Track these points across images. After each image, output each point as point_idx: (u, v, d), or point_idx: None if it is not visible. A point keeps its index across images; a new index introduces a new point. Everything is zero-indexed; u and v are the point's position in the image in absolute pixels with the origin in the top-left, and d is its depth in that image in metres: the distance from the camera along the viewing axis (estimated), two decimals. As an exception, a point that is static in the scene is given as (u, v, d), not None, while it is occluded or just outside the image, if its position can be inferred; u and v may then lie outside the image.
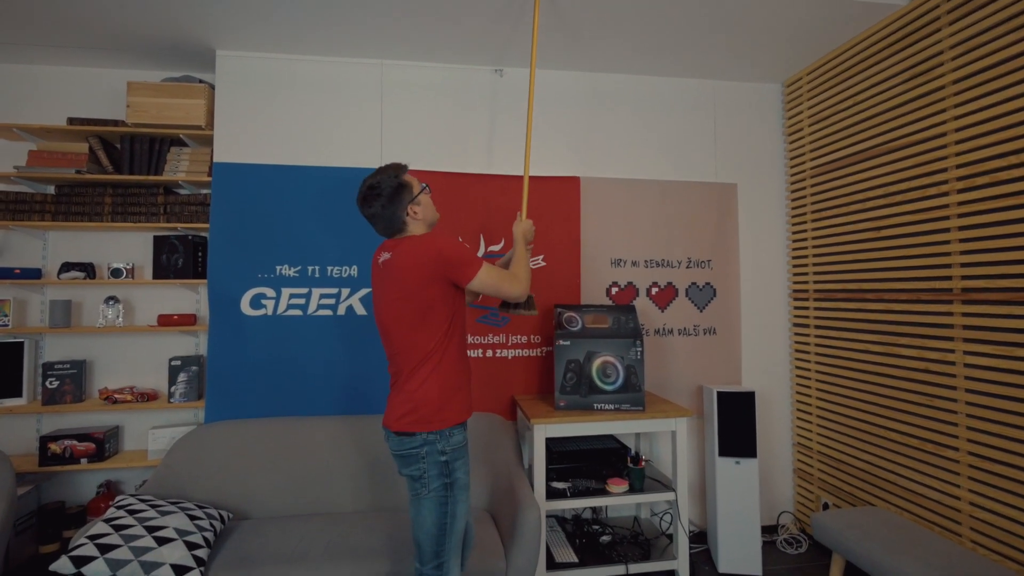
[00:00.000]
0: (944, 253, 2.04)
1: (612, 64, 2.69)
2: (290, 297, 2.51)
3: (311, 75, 2.59)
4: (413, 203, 1.55)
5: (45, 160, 2.42)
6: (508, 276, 1.60)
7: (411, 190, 1.56)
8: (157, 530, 1.77)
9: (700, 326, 2.78)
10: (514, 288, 1.60)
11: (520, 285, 1.62)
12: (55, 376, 2.46)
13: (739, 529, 2.44)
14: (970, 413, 1.94)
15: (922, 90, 2.12)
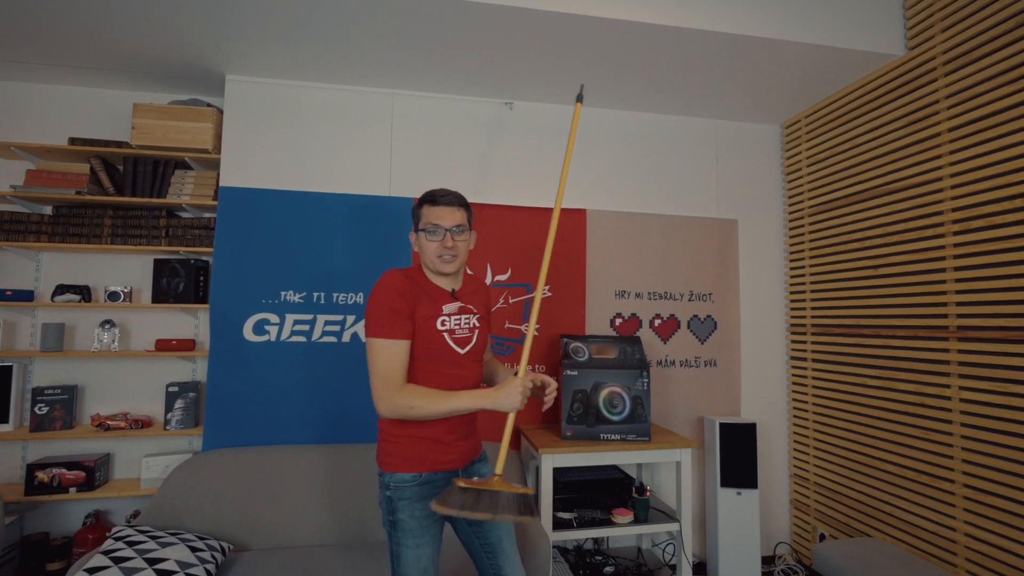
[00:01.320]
0: (940, 292, 2.12)
1: (619, 101, 2.76)
2: (294, 323, 2.47)
3: (321, 102, 2.59)
4: (416, 231, 1.49)
5: (44, 180, 2.36)
6: (380, 377, 1.33)
7: (418, 220, 1.48)
8: (158, 562, 1.71)
9: (701, 358, 2.83)
10: (375, 391, 1.34)
11: (381, 399, 1.33)
12: (44, 402, 2.37)
13: (739, 560, 2.47)
14: (965, 447, 2.01)
15: (918, 136, 2.22)
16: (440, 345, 1.42)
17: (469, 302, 1.52)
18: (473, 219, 1.53)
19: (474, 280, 1.62)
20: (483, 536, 1.51)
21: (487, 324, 1.58)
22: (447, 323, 1.44)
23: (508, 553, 1.51)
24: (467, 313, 1.50)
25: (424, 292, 1.45)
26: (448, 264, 1.44)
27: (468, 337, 1.48)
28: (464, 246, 1.47)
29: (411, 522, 1.38)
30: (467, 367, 1.48)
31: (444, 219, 1.42)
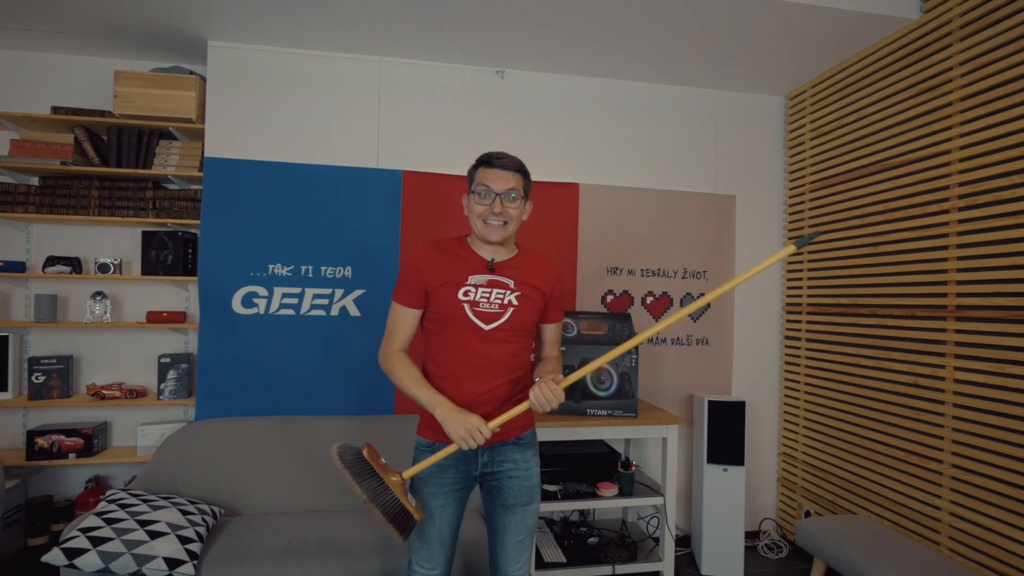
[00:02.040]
0: (941, 270, 2.06)
1: (615, 70, 2.65)
2: (283, 296, 2.47)
3: (307, 70, 2.52)
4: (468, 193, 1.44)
5: (28, 150, 2.34)
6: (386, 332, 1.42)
7: (471, 182, 1.43)
8: (149, 524, 1.76)
9: (693, 336, 2.80)
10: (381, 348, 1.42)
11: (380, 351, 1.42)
12: (41, 371, 2.42)
13: (723, 534, 2.50)
14: (957, 427, 1.98)
15: (929, 106, 2.11)
16: (458, 314, 1.36)
17: (511, 276, 1.41)
18: (530, 189, 1.44)
19: (536, 256, 1.49)
20: (491, 516, 1.50)
21: (533, 305, 1.42)
22: (471, 294, 1.37)
23: (507, 545, 1.47)
24: (501, 288, 1.39)
25: (453, 260, 1.40)
26: (495, 231, 1.36)
27: (497, 314, 1.38)
28: (516, 213, 1.38)
29: (418, 484, 1.41)
30: (493, 343, 1.37)
31: (496, 182, 1.35)
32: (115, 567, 1.64)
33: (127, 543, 1.68)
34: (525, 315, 1.41)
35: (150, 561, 1.66)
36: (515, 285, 1.41)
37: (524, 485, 1.45)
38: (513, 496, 1.44)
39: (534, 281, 1.43)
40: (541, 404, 1.27)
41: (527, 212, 1.44)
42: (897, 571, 1.82)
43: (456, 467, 1.41)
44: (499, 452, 1.43)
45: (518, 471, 1.45)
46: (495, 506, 1.47)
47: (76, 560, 1.62)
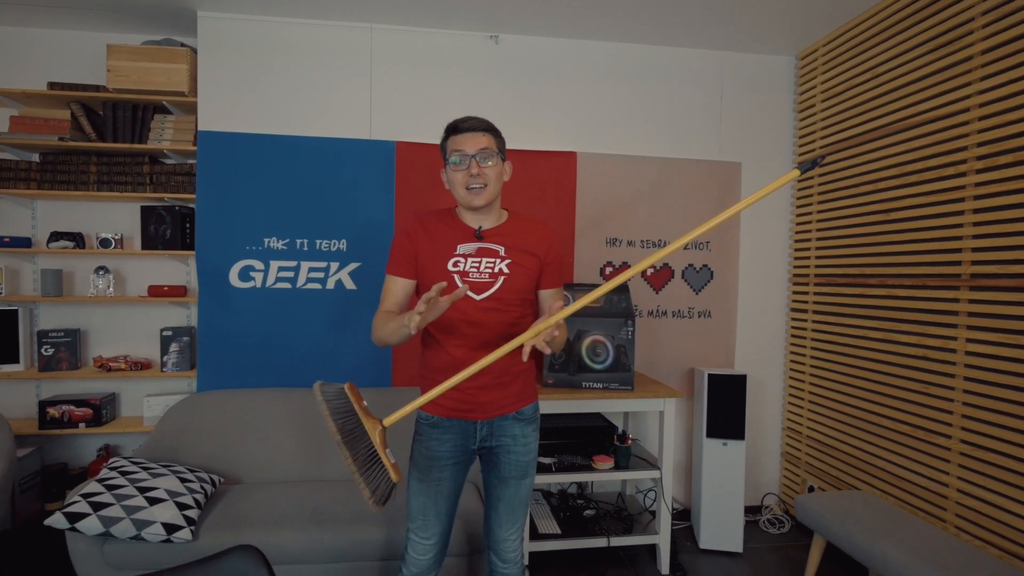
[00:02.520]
0: (956, 237, 1.95)
1: (614, 33, 2.54)
2: (279, 270, 2.48)
3: (297, 39, 2.47)
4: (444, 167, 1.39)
5: (27, 126, 2.36)
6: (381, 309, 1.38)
7: (444, 154, 1.38)
8: (148, 491, 1.81)
9: (695, 309, 2.73)
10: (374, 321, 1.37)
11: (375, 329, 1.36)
12: (50, 344, 2.49)
13: (722, 508, 2.47)
14: (967, 401, 1.90)
15: (947, 61, 1.97)
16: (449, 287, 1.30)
17: (501, 243, 1.37)
18: (505, 148, 1.39)
19: (526, 221, 1.43)
20: (486, 484, 1.50)
21: (526, 272, 1.38)
22: (460, 264, 1.34)
23: (501, 512, 1.47)
24: (490, 256, 1.35)
25: (441, 230, 1.37)
26: (477, 195, 1.31)
27: (487, 283, 1.34)
28: (494, 174, 1.33)
29: (418, 458, 1.42)
30: (485, 313, 1.34)
31: (468, 145, 1.31)
32: (115, 531, 1.69)
33: (127, 508, 1.73)
34: (518, 282, 1.36)
35: (149, 526, 1.71)
36: (505, 252, 1.37)
37: (521, 460, 1.44)
38: (509, 470, 1.44)
39: (526, 246, 1.39)
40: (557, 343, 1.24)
41: (507, 172, 1.39)
42: (898, 547, 1.77)
43: (454, 441, 1.40)
44: (499, 427, 1.41)
45: (516, 446, 1.43)
46: (491, 477, 1.48)
47: (78, 524, 1.67)
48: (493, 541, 1.51)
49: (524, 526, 1.56)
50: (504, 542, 1.49)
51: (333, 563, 1.85)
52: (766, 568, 2.36)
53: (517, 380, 1.42)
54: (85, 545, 1.73)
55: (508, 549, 1.50)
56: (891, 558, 1.76)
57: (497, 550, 1.50)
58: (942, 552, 1.73)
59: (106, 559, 1.74)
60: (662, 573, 2.30)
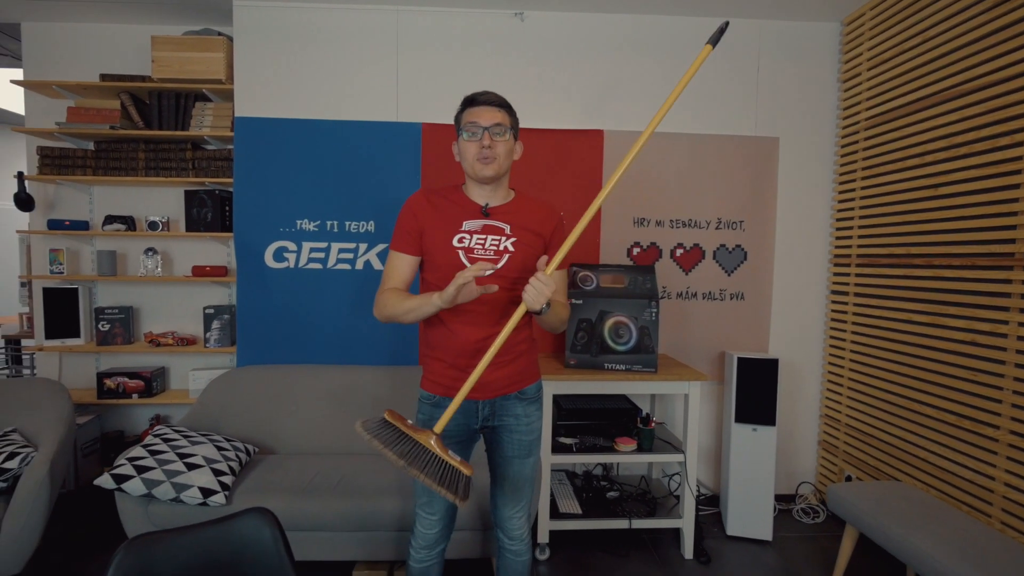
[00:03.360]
0: (1011, 213, 1.81)
1: (642, 4, 2.46)
2: (310, 251, 2.57)
3: (326, 25, 2.53)
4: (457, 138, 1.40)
5: (82, 116, 2.53)
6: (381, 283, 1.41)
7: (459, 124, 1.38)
8: (187, 457, 1.94)
9: (727, 291, 2.65)
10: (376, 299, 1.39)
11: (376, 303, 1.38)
12: (106, 320, 2.68)
13: (751, 495, 2.41)
14: (1017, 389, 1.77)
15: (1007, 19, 1.81)
16: (453, 263, 1.33)
17: (506, 221, 1.37)
18: (519, 130, 1.40)
19: (532, 201, 1.44)
20: (491, 462, 1.52)
21: (531, 250, 1.37)
22: (465, 240, 1.35)
23: (505, 490, 1.49)
24: (496, 234, 1.36)
25: (447, 207, 1.38)
26: (487, 165, 1.33)
27: (492, 260, 1.35)
28: (504, 148, 1.34)
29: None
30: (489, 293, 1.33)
31: (483, 117, 1.33)
32: (156, 493, 1.82)
33: (167, 472, 1.86)
34: (522, 261, 1.36)
35: (187, 490, 1.83)
36: (511, 230, 1.37)
37: (523, 439, 1.45)
38: (512, 449, 1.45)
39: (531, 225, 1.39)
40: (532, 298, 1.20)
41: (518, 151, 1.40)
42: (936, 541, 1.68)
43: (456, 420, 1.39)
44: (501, 406, 1.42)
45: (519, 425, 1.44)
46: (495, 456, 1.50)
47: (123, 485, 1.81)
48: (500, 519, 1.52)
49: (531, 504, 1.56)
50: (510, 520, 1.51)
51: (354, 532, 1.92)
52: (795, 557, 2.29)
53: (519, 359, 1.42)
54: (132, 505, 1.87)
55: (514, 527, 1.51)
56: (927, 553, 1.66)
57: (504, 528, 1.52)
58: (985, 548, 1.63)
59: (150, 518, 1.88)
60: (685, 558, 2.27)
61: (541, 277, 1.21)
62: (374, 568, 1.99)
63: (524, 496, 1.51)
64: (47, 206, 2.74)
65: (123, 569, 0.98)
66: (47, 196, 2.74)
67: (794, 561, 2.27)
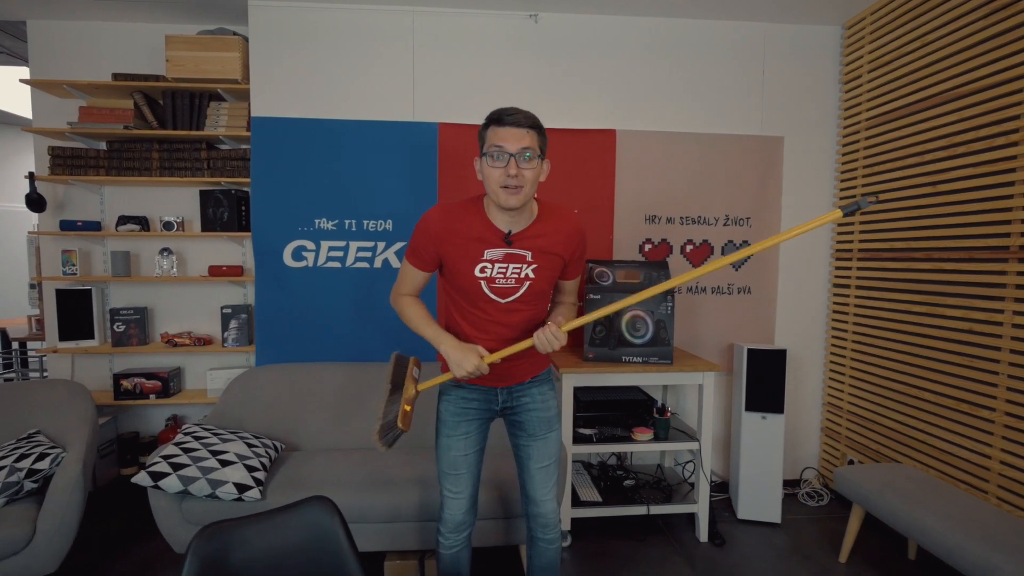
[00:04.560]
0: (1005, 208, 1.93)
1: (653, 7, 2.53)
2: (329, 250, 2.60)
3: (342, 25, 2.55)
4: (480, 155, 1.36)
5: (95, 116, 2.51)
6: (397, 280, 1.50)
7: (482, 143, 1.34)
8: (220, 454, 1.97)
9: (735, 285, 2.75)
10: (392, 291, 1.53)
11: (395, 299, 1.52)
12: (121, 320, 2.67)
13: (761, 480, 2.51)
14: (1012, 374, 1.90)
15: (1002, 27, 1.92)
16: (475, 290, 1.37)
17: (528, 247, 1.36)
18: (547, 146, 1.33)
19: (555, 218, 1.40)
20: (516, 448, 1.57)
21: (551, 274, 1.42)
22: (487, 270, 1.36)
23: (533, 472, 1.53)
24: (517, 262, 1.36)
25: (469, 232, 1.35)
26: (512, 196, 1.26)
27: (512, 288, 1.37)
28: (532, 175, 1.27)
29: (445, 415, 1.53)
30: (509, 313, 1.41)
31: (509, 142, 1.25)
32: (192, 489, 1.85)
33: (202, 469, 1.89)
34: (542, 285, 1.42)
35: (222, 486, 1.86)
36: (532, 257, 1.37)
37: (543, 416, 1.53)
38: (534, 427, 1.53)
39: (553, 248, 1.39)
40: (543, 345, 1.32)
41: (545, 172, 1.35)
42: (938, 517, 1.80)
43: (479, 400, 1.51)
44: (517, 390, 1.52)
45: (535, 404, 1.53)
46: (519, 438, 1.56)
47: (160, 482, 1.83)
48: (531, 506, 1.55)
49: (561, 493, 1.62)
50: (543, 504, 1.54)
51: (385, 523, 1.97)
52: (804, 537, 2.40)
53: (534, 356, 1.50)
54: (165, 502, 1.89)
55: (548, 511, 1.54)
56: (931, 527, 1.78)
57: (537, 515, 1.55)
58: (983, 522, 1.75)
59: (183, 515, 1.91)
60: (701, 540, 2.37)
61: (556, 333, 1.32)
62: (405, 558, 2.04)
63: (551, 475, 1.55)
64: (56, 207, 2.72)
65: (199, 555, 1.02)
66: (56, 197, 2.72)
67: (803, 541, 2.38)
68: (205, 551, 1.05)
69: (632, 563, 2.20)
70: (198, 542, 1.05)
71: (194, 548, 1.04)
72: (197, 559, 1.03)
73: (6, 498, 1.77)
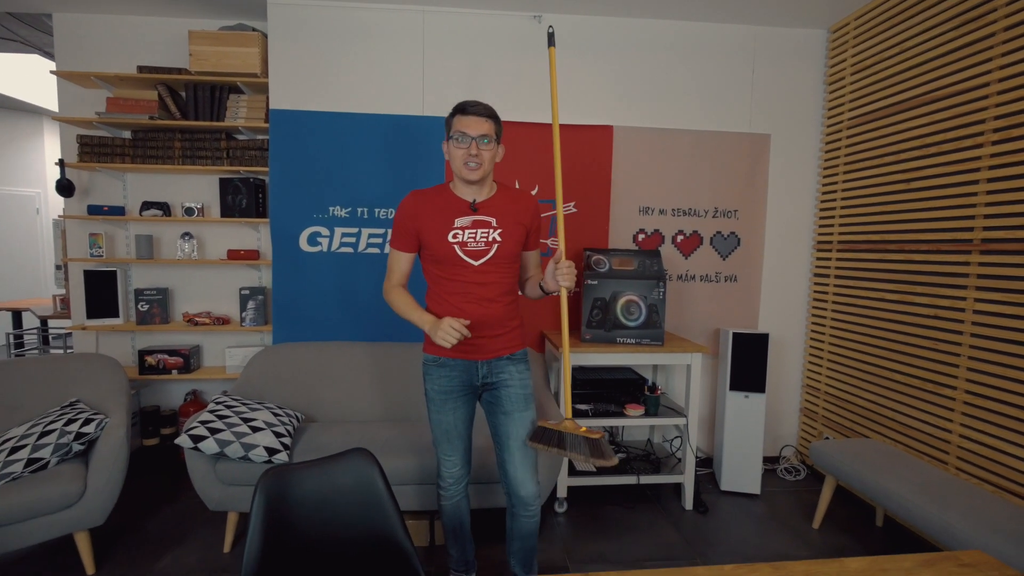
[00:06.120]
0: (970, 204, 2.11)
1: (650, 9, 2.68)
2: (342, 236, 2.76)
3: (357, 23, 2.69)
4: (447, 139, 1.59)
5: (121, 107, 2.65)
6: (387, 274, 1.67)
7: (449, 128, 1.58)
8: (250, 421, 2.14)
9: (722, 273, 2.93)
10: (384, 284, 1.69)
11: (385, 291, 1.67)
12: (144, 300, 2.83)
13: (743, 455, 2.72)
14: (972, 355, 2.09)
15: (971, 37, 2.09)
16: (450, 255, 1.57)
17: (492, 214, 1.59)
18: (502, 133, 1.59)
19: (512, 193, 1.67)
20: (494, 427, 1.69)
21: (515, 238, 1.62)
22: (459, 236, 1.57)
23: (512, 450, 1.63)
24: (484, 227, 1.58)
25: (439, 206, 1.59)
26: (472, 171, 1.54)
27: (483, 250, 1.58)
28: (489, 155, 1.54)
29: (432, 392, 1.69)
30: (484, 274, 1.59)
31: (471, 128, 1.51)
32: (228, 451, 2.02)
33: (235, 433, 2.06)
34: (509, 248, 1.61)
35: (254, 449, 2.04)
36: (497, 222, 1.60)
37: (519, 393, 1.65)
38: (510, 403, 1.64)
39: (515, 216, 1.62)
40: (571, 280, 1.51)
41: (500, 155, 1.61)
42: (901, 483, 1.99)
43: (460, 377, 1.66)
44: (496, 365, 1.65)
45: (513, 381, 1.66)
46: (496, 415, 1.67)
47: (200, 444, 2.00)
48: (513, 485, 1.65)
49: (537, 468, 1.70)
50: (523, 485, 1.63)
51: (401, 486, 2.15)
52: (781, 507, 2.61)
53: (512, 332, 1.70)
54: (202, 463, 2.07)
55: (528, 493, 1.64)
56: (895, 492, 1.98)
57: (517, 494, 1.65)
58: (941, 488, 1.95)
59: (217, 475, 2.09)
60: (686, 508, 2.57)
61: (564, 265, 1.50)
62: (418, 518, 2.23)
63: (530, 454, 1.65)
64: (81, 193, 2.86)
65: (265, 491, 1.20)
66: (81, 183, 2.86)
67: (780, 510, 2.59)
68: (269, 488, 1.23)
69: (623, 527, 2.40)
70: (265, 480, 1.23)
71: (261, 485, 1.21)
72: (263, 494, 1.21)
73: (58, 458, 1.94)
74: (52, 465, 1.94)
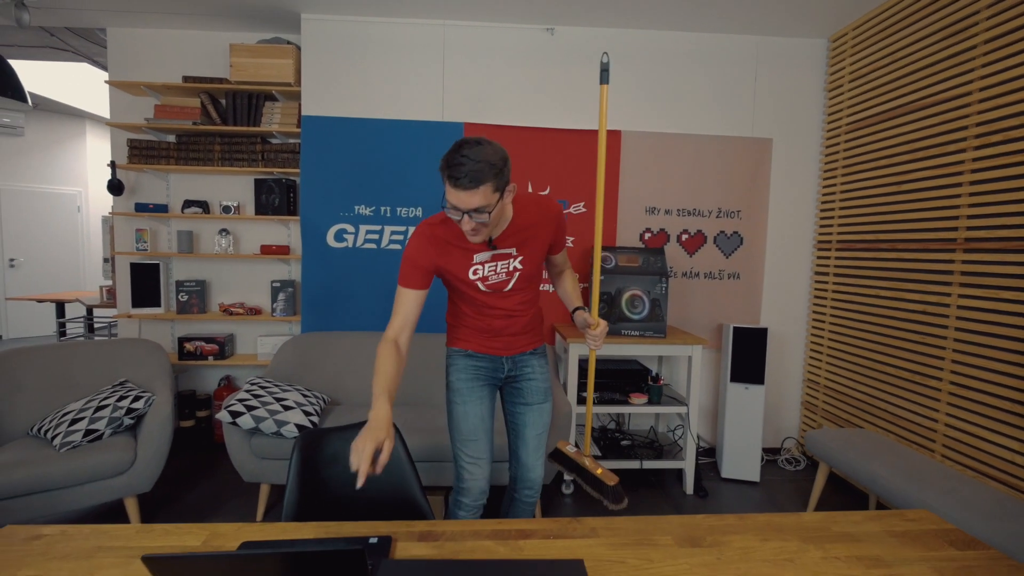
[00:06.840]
0: (954, 206, 2.23)
1: (657, 22, 2.85)
2: (366, 233, 2.97)
3: (383, 36, 2.90)
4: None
5: (168, 113, 2.89)
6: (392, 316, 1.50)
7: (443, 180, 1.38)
8: (282, 400, 2.35)
9: (725, 271, 3.07)
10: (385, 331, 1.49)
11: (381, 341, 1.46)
12: (184, 291, 3.07)
13: (743, 444, 2.85)
14: (956, 348, 2.21)
15: (955, 49, 2.22)
16: (473, 289, 1.54)
17: (511, 245, 1.50)
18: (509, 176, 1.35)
19: (530, 208, 1.51)
20: (512, 416, 1.73)
21: (538, 256, 1.56)
22: (479, 271, 1.50)
23: (528, 439, 1.68)
24: (504, 259, 1.51)
25: (455, 244, 1.47)
26: (475, 237, 1.39)
27: (504, 281, 1.54)
28: (491, 219, 1.34)
29: (457, 384, 1.67)
30: (507, 298, 1.58)
31: (461, 202, 1.30)
32: (262, 427, 2.23)
33: (269, 411, 2.27)
34: (531, 269, 1.56)
35: (285, 425, 2.24)
36: (517, 251, 1.51)
37: (540, 386, 1.70)
38: (532, 395, 1.69)
39: (535, 236, 1.52)
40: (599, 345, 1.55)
41: (508, 199, 1.39)
42: (889, 469, 2.11)
43: (488, 368, 1.68)
44: (520, 360, 1.69)
45: (535, 373, 1.70)
46: (516, 405, 1.71)
47: (238, 419, 2.21)
48: (522, 469, 1.70)
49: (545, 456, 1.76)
50: (533, 470, 1.69)
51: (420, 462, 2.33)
52: (778, 493, 2.74)
53: (535, 330, 1.72)
54: (239, 437, 2.28)
55: (536, 478, 1.69)
56: (882, 477, 2.10)
57: (525, 479, 1.70)
58: (927, 474, 2.06)
59: (252, 449, 2.29)
60: (687, 493, 2.71)
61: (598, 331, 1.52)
62: (433, 493, 2.41)
63: (543, 443, 1.71)
64: (128, 191, 3.11)
65: (301, 449, 1.39)
66: (128, 183, 3.11)
67: (777, 496, 2.71)
68: (304, 446, 1.42)
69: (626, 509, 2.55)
70: (302, 439, 1.42)
71: (299, 445, 1.40)
72: (299, 451, 1.39)
73: (111, 430, 2.16)
74: (106, 436, 2.17)
